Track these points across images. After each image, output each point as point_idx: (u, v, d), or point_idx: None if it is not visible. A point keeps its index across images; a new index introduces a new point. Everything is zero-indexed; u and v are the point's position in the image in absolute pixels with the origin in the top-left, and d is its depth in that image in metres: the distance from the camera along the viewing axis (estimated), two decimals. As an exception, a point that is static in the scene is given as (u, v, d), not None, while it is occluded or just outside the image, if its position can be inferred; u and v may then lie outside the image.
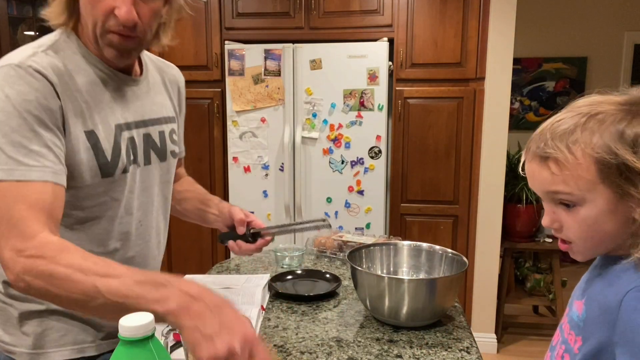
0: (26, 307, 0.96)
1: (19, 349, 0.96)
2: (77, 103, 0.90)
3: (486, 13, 2.78)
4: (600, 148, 0.69)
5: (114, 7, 0.85)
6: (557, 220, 0.76)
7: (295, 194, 2.92)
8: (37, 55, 0.88)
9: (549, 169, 0.73)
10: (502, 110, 2.86)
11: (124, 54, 0.92)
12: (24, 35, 3.50)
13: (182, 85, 1.20)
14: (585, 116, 0.71)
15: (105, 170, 0.93)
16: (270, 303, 1.30)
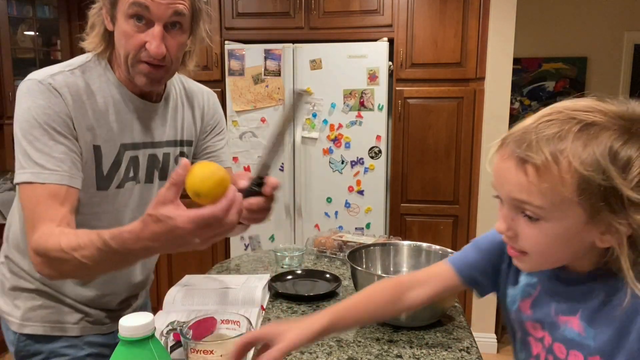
0: (17, 283, 1.11)
1: (11, 318, 1.12)
2: (89, 119, 1.01)
3: (486, 13, 2.78)
4: (590, 164, 0.61)
5: (146, 42, 0.97)
6: (513, 228, 0.69)
7: (295, 194, 2.92)
8: (60, 74, 0.99)
9: (526, 174, 0.64)
10: (502, 110, 2.86)
11: (154, 81, 1.03)
12: (24, 35, 3.50)
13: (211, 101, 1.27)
14: (579, 123, 0.63)
15: (100, 184, 1.04)
16: (270, 303, 1.30)
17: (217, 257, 3.13)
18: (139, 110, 1.09)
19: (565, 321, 0.73)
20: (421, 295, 0.90)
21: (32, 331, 1.11)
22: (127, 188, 1.08)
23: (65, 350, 1.12)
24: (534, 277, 0.80)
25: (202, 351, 0.83)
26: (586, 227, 0.64)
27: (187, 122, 1.21)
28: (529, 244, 0.69)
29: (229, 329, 0.91)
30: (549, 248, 0.68)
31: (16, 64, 3.39)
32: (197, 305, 1.20)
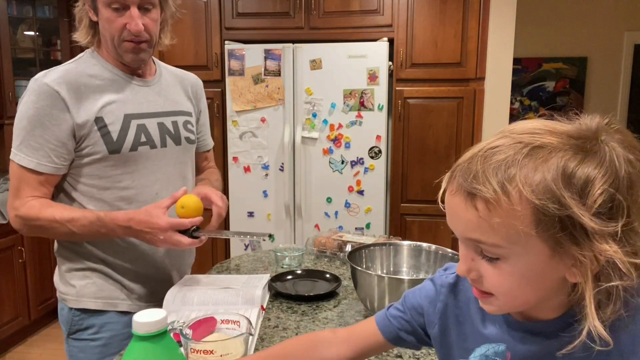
0: (70, 264, 1.28)
1: (67, 296, 1.27)
2: (88, 99, 1.20)
3: (486, 13, 2.78)
4: (543, 192, 0.53)
5: (125, 23, 1.17)
6: (475, 269, 0.61)
7: (295, 194, 2.92)
8: (53, 71, 1.19)
9: (476, 210, 0.56)
10: (502, 110, 2.86)
11: (139, 54, 1.23)
12: (24, 36, 3.50)
13: (199, 88, 1.49)
14: (526, 146, 0.55)
15: (110, 148, 1.21)
16: (270, 303, 1.30)
17: (217, 257, 3.13)
18: (135, 86, 1.28)
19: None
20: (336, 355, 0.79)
21: (85, 306, 1.26)
22: (141, 152, 1.25)
23: (114, 326, 1.26)
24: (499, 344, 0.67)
25: (202, 351, 0.83)
26: (552, 262, 0.56)
27: (181, 97, 1.40)
28: (493, 285, 0.60)
29: (229, 329, 0.91)
30: (515, 289, 0.59)
31: (16, 64, 3.39)
32: (197, 305, 1.20)
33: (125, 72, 1.27)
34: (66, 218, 1.16)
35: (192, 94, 1.45)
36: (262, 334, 1.13)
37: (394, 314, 0.80)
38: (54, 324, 3.40)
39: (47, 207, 1.17)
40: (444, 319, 0.74)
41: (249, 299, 1.22)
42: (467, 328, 0.71)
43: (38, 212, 1.17)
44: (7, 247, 2.97)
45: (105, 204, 1.23)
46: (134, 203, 1.25)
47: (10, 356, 2.99)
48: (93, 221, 1.16)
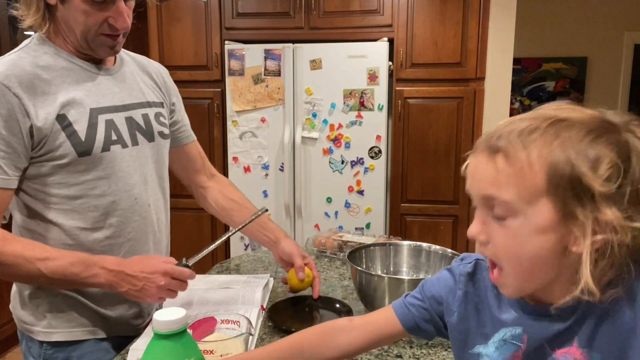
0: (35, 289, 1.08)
1: (35, 328, 1.08)
2: (44, 94, 1.01)
3: (486, 13, 2.78)
4: (559, 155, 0.58)
5: (108, 17, 1.01)
6: (485, 231, 0.65)
7: (295, 194, 2.92)
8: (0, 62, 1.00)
9: (495, 165, 0.61)
10: (502, 110, 2.86)
11: (116, 47, 1.08)
12: (24, 36, 3.50)
13: (166, 76, 1.30)
14: (550, 119, 0.61)
15: (79, 149, 1.03)
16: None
17: (217, 257, 3.13)
18: (96, 75, 1.10)
19: (565, 354, 0.66)
20: (354, 341, 0.81)
21: (60, 338, 1.08)
22: (114, 152, 1.08)
23: (93, 355, 1.11)
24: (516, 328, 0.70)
25: (202, 351, 0.83)
26: (559, 228, 0.60)
27: (147, 86, 1.22)
28: (500, 249, 0.63)
29: (229, 329, 0.91)
30: (519, 252, 0.62)
31: (16, 64, 3.39)
32: (197, 305, 1.20)
33: (84, 59, 1.08)
34: (39, 256, 0.96)
35: (160, 83, 1.26)
36: (262, 334, 1.13)
37: (413, 303, 0.82)
38: (54, 324, 3.39)
39: (12, 241, 0.97)
40: (463, 306, 0.76)
41: (249, 299, 1.22)
42: (485, 315, 0.73)
43: (0, 244, 0.95)
44: (7, 247, 2.96)
45: (79, 216, 1.06)
46: (112, 213, 1.08)
47: (10, 356, 2.99)
48: (74, 262, 0.97)
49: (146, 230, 1.16)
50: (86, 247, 1.07)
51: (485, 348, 0.72)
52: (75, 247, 1.06)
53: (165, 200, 1.24)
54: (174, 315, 0.65)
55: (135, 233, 1.13)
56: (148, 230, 1.16)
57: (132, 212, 1.12)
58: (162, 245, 1.24)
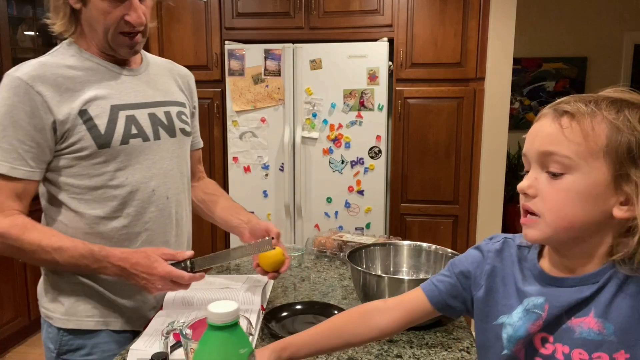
0: (57, 279, 1.16)
1: (54, 314, 1.16)
2: (68, 91, 1.08)
3: (486, 13, 2.78)
4: (621, 121, 0.65)
5: (124, 14, 1.08)
6: (535, 186, 0.70)
7: (295, 194, 2.92)
8: (27, 64, 1.08)
9: (560, 124, 0.67)
10: (502, 110, 2.86)
11: (135, 47, 1.14)
12: (24, 35, 3.50)
13: (191, 81, 1.38)
14: (613, 98, 0.68)
15: (99, 142, 1.09)
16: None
17: (217, 257, 3.13)
18: (121, 75, 1.17)
19: (580, 323, 0.71)
20: (389, 321, 0.87)
21: (75, 326, 1.15)
22: (133, 145, 1.14)
23: (106, 346, 1.16)
24: (538, 297, 0.75)
25: (202, 351, 0.83)
26: (608, 190, 0.66)
27: (172, 88, 1.29)
28: (546, 202, 0.69)
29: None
30: (566, 206, 0.67)
31: (16, 64, 3.38)
32: (197, 305, 1.20)
33: (109, 61, 1.16)
34: (54, 246, 1.04)
35: (185, 86, 1.34)
36: (261, 334, 1.13)
37: (440, 279, 0.87)
38: (54, 324, 3.40)
39: (31, 229, 1.05)
40: (490, 280, 0.81)
41: (249, 299, 1.22)
42: (510, 288, 0.78)
43: (20, 232, 1.04)
44: (7, 247, 2.96)
45: (99, 206, 1.12)
46: (129, 203, 1.14)
47: (10, 356, 2.99)
48: (84, 254, 1.06)
49: (164, 222, 1.21)
50: (105, 236, 1.13)
51: (509, 318, 0.77)
52: (93, 236, 1.12)
53: (186, 195, 1.30)
54: (227, 308, 0.69)
55: (152, 223, 1.18)
56: (165, 222, 1.21)
57: (149, 202, 1.17)
58: (183, 238, 1.29)
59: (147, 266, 1.05)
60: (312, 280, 1.48)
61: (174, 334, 0.97)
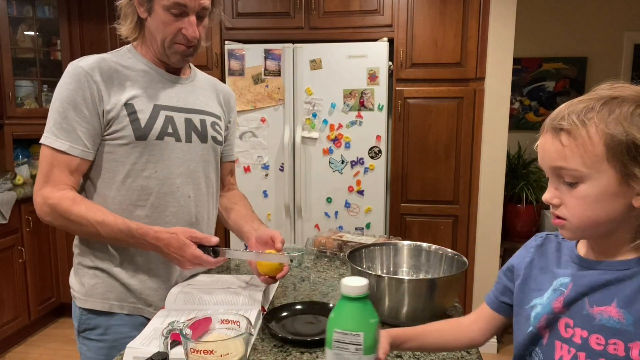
0: (81, 260, 1.28)
1: (77, 294, 1.28)
2: (119, 86, 1.22)
3: (486, 13, 2.78)
4: (614, 125, 0.71)
5: (181, 28, 1.22)
6: (558, 196, 0.78)
7: (295, 194, 2.92)
8: (91, 57, 1.22)
9: (561, 141, 0.74)
10: (502, 110, 2.86)
11: (186, 57, 1.28)
12: (24, 35, 3.50)
13: (232, 99, 1.50)
14: (605, 98, 0.73)
15: (137, 133, 1.21)
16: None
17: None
18: (168, 81, 1.30)
19: (601, 311, 0.76)
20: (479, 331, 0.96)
21: (92, 306, 1.26)
22: (167, 142, 1.25)
23: (120, 328, 1.25)
24: (565, 277, 0.83)
25: (202, 351, 0.83)
26: (620, 187, 0.72)
27: (212, 99, 1.41)
28: (570, 209, 0.76)
29: (229, 329, 0.91)
30: (586, 210, 0.74)
31: (16, 64, 3.39)
32: (197, 305, 1.20)
33: (161, 68, 1.29)
34: (97, 220, 1.16)
35: (224, 102, 1.46)
36: (261, 334, 1.13)
37: (495, 284, 0.97)
38: (54, 324, 3.40)
39: (79, 202, 1.17)
40: (528, 269, 0.90)
41: (250, 300, 1.22)
42: (547, 275, 0.87)
43: (70, 205, 1.16)
44: (7, 247, 2.97)
45: (127, 193, 1.23)
46: (153, 194, 1.25)
47: (10, 356, 2.99)
48: (123, 230, 1.17)
49: (183, 219, 1.30)
50: None
51: (540, 299, 0.85)
52: None
53: (210, 198, 1.39)
54: (359, 283, 0.78)
55: (172, 217, 1.28)
56: (185, 218, 1.30)
57: (172, 197, 1.27)
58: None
59: (178, 247, 1.16)
60: (312, 280, 1.48)
61: (174, 334, 0.97)
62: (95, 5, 3.39)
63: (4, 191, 2.97)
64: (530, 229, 3.11)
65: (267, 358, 1.02)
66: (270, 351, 1.04)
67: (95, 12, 3.40)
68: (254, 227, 1.39)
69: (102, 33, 3.42)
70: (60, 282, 3.39)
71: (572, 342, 0.78)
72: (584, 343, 0.77)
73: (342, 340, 0.79)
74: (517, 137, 3.65)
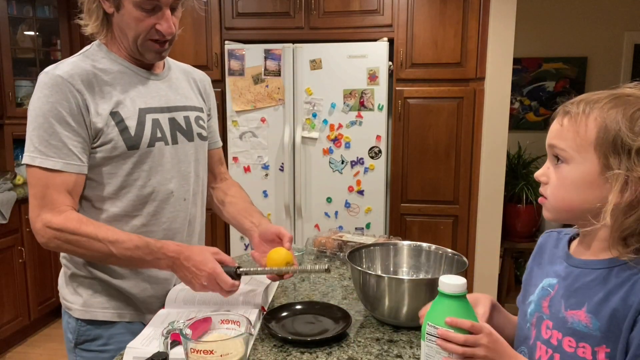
0: (76, 271, 1.22)
1: (73, 305, 1.21)
2: (101, 92, 1.14)
3: (486, 13, 2.78)
4: (610, 119, 0.74)
5: (155, 24, 1.13)
6: (546, 174, 0.83)
7: (295, 194, 2.92)
8: (64, 63, 1.13)
9: (562, 122, 0.79)
10: (502, 110, 2.86)
11: (162, 53, 1.20)
12: (24, 36, 3.50)
13: (207, 84, 1.43)
14: (613, 94, 0.77)
15: (129, 143, 1.15)
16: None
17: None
18: (146, 80, 1.23)
19: (573, 315, 0.80)
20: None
21: (92, 317, 1.21)
22: (158, 148, 1.20)
23: (122, 337, 1.20)
24: (553, 279, 0.87)
25: (202, 351, 0.83)
26: (599, 179, 0.75)
27: (189, 92, 1.34)
28: (551, 187, 0.81)
29: (229, 329, 0.91)
30: (563, 191, 0.79)
31: (16, 64, 3.38)
32: (198, 305, 1.20)
33: (135, 64, 1.22)
34: (110, 239, 1.08)
35: (202, 90, 1.39)
36: (261, 334, 1.13)
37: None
38: (54, 324, 3.40)
39: (86, 223, 1.09)
40: (532, 264, 0.96)
41: (250, 300, 1.22)
42: (541, 272, 0.91)
43: (77, 226, 1.08)
44: (7, 247, 2.97)
45: (122, 204, 1.17)
46: (148, 203, 1.20)
47: (10, 356, 2.99)
48: (140, 246, 1.10)
49: (180, 222, 1.27)
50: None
51: (533, 295, 0.90)
52: None
53: (202, 197, 1.36)
54: (458, 281, 0.80)
55: (170, 223, 1.24)
56: (182, 222, 1.27)
57: (167, 203, 1.23)
58: (194, 237, 1.34)
59: (199, 261, 1.10)
60: (312, 280, 1.48)
61: (173, 334, 0.97)
62: (95, 5, 3.39)
63: (4, 191, 2.97)
64: (530, 229, 3.11)
65: (267, 358, 1.02)
66: (270, 351, 1.04)
67: (95, 12, 3.40)
68: (254, 222, 1.34)
69: (102, 33, 3.42)
70: (60, 282, 3.39)
71: (550, 343, 0.82)
72: (559, 345, 0.81)
73: (431, 332, 0.81)
74: (517, 137, 3.64)
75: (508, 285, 3.18)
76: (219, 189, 1.47)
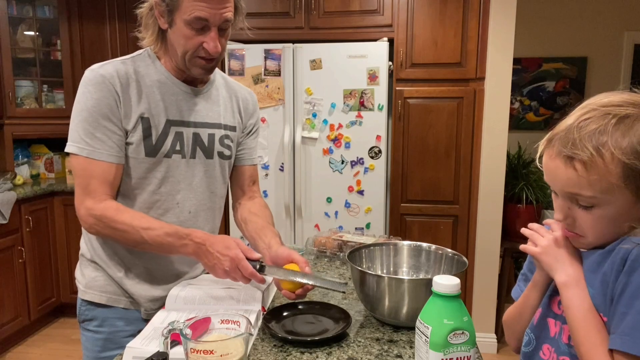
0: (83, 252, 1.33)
1: (79, 285, 1.33)
2: (137, 96, 1.21)
3: (486, 13, 2.78)
4: (630, 153, 0.71)
5: (203, 42, 1.19)
6: (571, 216, 0.80)
7: (295, 194, 2.92)
8: (109, 64, 1.21)
9: (575, 170, 0.74)
10: (502, 110, 2.86)
11: (208, 71, 1.26)
12: (24, 36, 3.50)
13: (252, 104, 1.52)
14: (614, 117, 0.73)
15: (148, 150, 1.23)
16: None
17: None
18: (183, 93, 1.29)
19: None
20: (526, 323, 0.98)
21: (90, 298, 1.30)
22: (174, 159, 1.27)
23: (115, 322, 1.29)
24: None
25: (202, 351, 0.83)
26: (636, 205, 0.75)
27: (228, 110, 1.40)
28: (586, 228, 0.79)
29: (229, 329, 0.91)
30: (604, 229, 0.77)
31: (16, 64, 3.39)
32: (198, 305, 1.20)
33: (179, 78, 1.28)
34: (143, 226, 1.17)
35: (242, 109, 1.45)
36: (261, 334, 1.13)
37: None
38: (54, 324, 3.40)
39: (123, 211, 1.19)
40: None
41: (250, 299, 1.22)
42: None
43: (114, 214, 1.17)
44: (7, 247, 2.97)
45: (131, 203, 1.24)
46: (152, 209, 1.26)
47: (10, 356, 2.99)
48: (170, 233, 1.17)
49: None
50: None
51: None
52: None
53: (217, 212, 1.42)
54: (451, 282, 0.81)
55: None
56: None
57: (171, 213, 1.29)
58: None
59: (224, 246, 1.15)
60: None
61: (173, 333, 0.97)
62: (95, 5, 3.39)
63: (4, 191, 2.97)
64: (530, 229, 3.10)
65: (267, 358, 1.02)
66: (270, 351, 1.04)
67: (95, 12, 3.41)
68: (265, 243, 1.31)
69: (102, 33, 3.42)
70: (60, 282, 3.39)
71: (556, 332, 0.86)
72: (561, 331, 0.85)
73: (419, 327, 0.84)
74: (517, 137, 3.64)
75: (508, 285, 3.17)
76: (244, 207, 1.48)
